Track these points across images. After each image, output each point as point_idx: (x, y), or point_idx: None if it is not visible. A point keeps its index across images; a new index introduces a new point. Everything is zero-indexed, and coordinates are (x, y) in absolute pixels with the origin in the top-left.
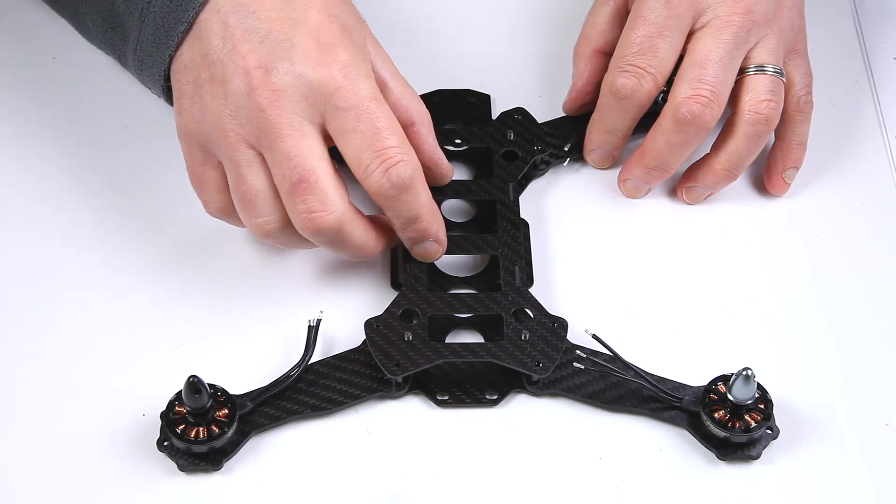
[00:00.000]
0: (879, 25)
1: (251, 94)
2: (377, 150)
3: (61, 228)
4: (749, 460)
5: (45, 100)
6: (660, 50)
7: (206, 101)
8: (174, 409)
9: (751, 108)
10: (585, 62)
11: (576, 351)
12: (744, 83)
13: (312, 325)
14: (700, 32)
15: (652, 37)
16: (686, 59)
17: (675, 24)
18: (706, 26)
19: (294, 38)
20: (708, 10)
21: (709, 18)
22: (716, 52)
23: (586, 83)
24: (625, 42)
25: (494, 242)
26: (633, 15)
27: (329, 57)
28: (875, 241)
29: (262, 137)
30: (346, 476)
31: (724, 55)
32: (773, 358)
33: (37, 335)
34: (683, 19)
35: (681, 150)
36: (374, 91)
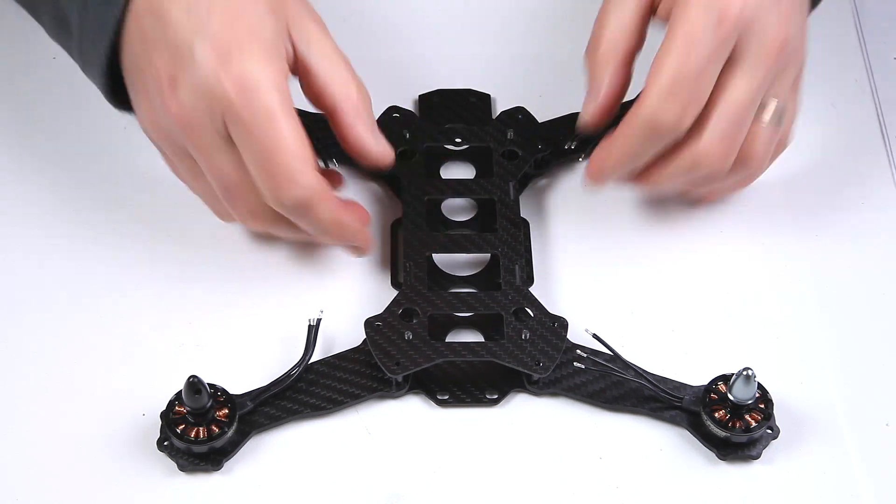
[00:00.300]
0: (879, 25)
1: (166, 107)
2: (267, 171)
3: (61, 228)
4: (749, 460)
5: (45, 100)
6: (706, 79)
7: (142, 104)
8: (174, 409)
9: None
10: (614, 69)
11: (576, 350)
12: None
13: (312, 325)
14: (736, 68)
15: (700, 67)
16: (719, 96)
17: (722, 51)
18: (742, 61)
19: (195, 50)
20: (750, 40)
21: (746, 53)
22: (749, 95)
23: (613, 96)
24: (671, 65)
25: (494, 241)
26: (678, 31)
27: (226, 71)
28: (875, 241)
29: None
30: (346, 476)
31: (754, 98)
32: (773, 358)
33: (37, 335)
34: (729, 43)
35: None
36: (269, 107)
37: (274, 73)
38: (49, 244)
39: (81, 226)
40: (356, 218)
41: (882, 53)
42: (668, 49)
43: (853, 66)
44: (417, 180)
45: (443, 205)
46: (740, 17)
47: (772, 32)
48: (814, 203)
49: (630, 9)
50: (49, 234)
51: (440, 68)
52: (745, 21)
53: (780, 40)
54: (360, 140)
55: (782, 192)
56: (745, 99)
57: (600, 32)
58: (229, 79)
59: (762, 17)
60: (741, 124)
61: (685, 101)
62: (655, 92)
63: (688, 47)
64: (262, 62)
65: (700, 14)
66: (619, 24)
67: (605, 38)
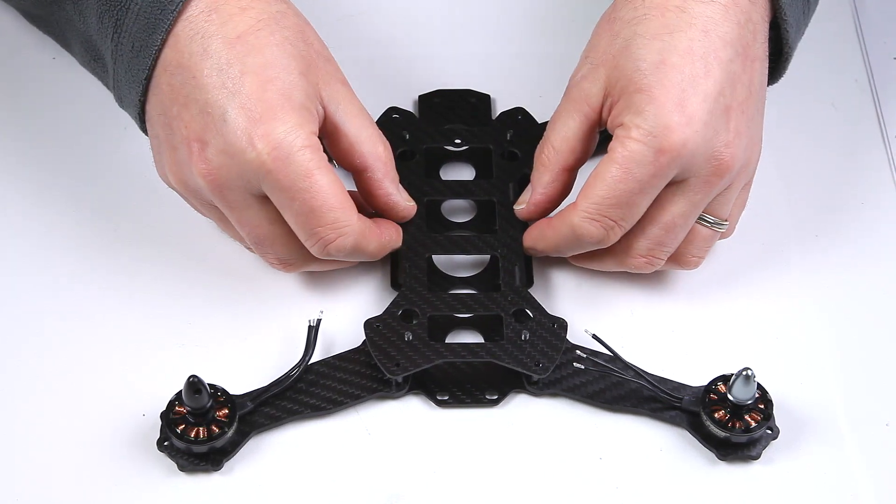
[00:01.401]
0: (879, 25)
1: (193, 166)
2: (312, 231)
3: (61, 228)
4: (749, 460)
5: (45, 100)
6: (637, 206)
7: (167, 156)
8: (174, 409)
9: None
10: (551, 176)
11: (576, 351)
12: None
13: (312, 325)
14: (677, 189)
15: (633, 193)
16: (655, 214)
17: (658, 183)
18: (684, 183)
19: (227, 113)
20: (692, 168)
21: (689, 176)
22: (686, 217)
23: (548, 199)
24: (602, 188)
25: (494, 243)
26: (617, 159)
27: (259, 135)
28: (875, 241)
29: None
30: (346, 476)
31: (691, 217)
32: (773, 358)
33: (37, 335)
34: (666, 177)
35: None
36: (306, 167)
37: (307, 134)
38: (49, 244)
39: (81, 226)
40: (394, 233)
41: (882, 53)
42: (604, 172)
43: (853, 66)
44: (417, 181)
45: (442, 206)
46: (681, 151)
47: (715, 159)
48: (814, 203)
49: (575, 124)
50: (49, 235)
51: (440, 68)
52: (687, 153)
53: (725, 166)
54: (389, 198)
55: (782, 192)
56: (679, 218)
57: (547, 136)
58: (263, 142)
59: (707, 145)
60: (672, 240)
61: (611, 224)
62: (584, 208)
63: (623, 174)
64: (295, 125)
65: (640, 142)
66: (564, 136)
67: (548, 145)
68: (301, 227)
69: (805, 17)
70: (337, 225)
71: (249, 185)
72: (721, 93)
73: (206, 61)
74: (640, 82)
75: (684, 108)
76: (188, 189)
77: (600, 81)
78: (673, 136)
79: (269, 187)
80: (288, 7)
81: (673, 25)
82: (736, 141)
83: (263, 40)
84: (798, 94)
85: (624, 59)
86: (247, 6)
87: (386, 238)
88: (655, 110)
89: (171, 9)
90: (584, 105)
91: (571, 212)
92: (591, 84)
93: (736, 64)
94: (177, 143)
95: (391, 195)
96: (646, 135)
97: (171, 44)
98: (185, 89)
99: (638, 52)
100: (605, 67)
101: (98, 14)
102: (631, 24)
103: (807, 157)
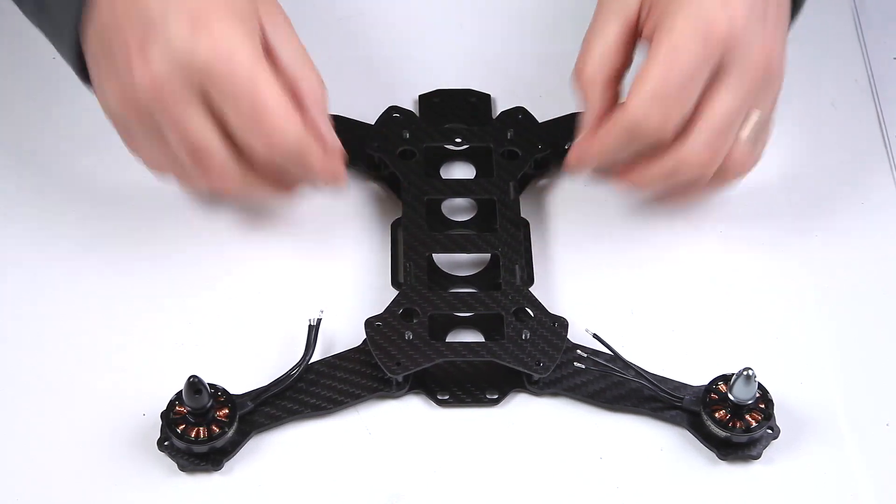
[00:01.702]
0: (879, 25)
1: (135, 76)
2: (257, 129)
3: (61, 228)
4: (749, 460)
5: (45, 100)
6: (689, 90)
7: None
8: (174, 409)
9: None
10: (602, 87)
11: (576, 350)
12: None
13: (312, 325)
14: (722, 81)
15: (684, 74)
16: (705, 107)
17: (707, 65)
18: (729, 74)
19: (169, 16)
20: (737, 51)
21: (734, 63)
22: (735, 110)
23: (606, 112)
24: (658, 73)
25: (495, 241)
26: (665, 44)
27: (203, 35)
28: (875, 241)
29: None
30: (346, 476)
31: (739, 112)
32: (773, 358)
33: (37, 335)
34: (714, 59)
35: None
36: (251, 68)
37: (250, 38)
38: (49, 244)
39: (81, 226)
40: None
41: (882, 53)
42: (654, 58)
43: (853, 66)
44: (417, 180)
45: (443, 205)
46: (728, 35)
47: (757, 50)
48: (814, 203)
49: (614, 29)
50: (49, 234)
51: (440, 68)
52: (732, 39)
53: (765, 58)
54: (318, 130)
55: (782, 192)
56: (729, 111)
57: (586, 53)
58: (206, 45)
59: (748, 35)
60: (725, 135)
61: (668, 109)
62: (639, 97)
63: (672, 58)
64: (238, 28)
65: (686, 28)
66: (605, 44)
67: (591, 59)
68: (245, 126)
69: None
70: (281, 126)
71: (192, 88)
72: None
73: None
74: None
75: (727, 3)
76: (129, 106)
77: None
78: (717, 25)
79: (213, 89)
80: None
81: None
82: (773, 38)
83: None
84: (798, 94)
85: None
86: None
87: (334, 162)
88: (700, 3)
89: None
90: (621, 12)
91: (626, 105)
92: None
93: None
94: (117, 56)
95: (320, 127)
96: (691, 24)
97: None
98: (126, 4)
99: None
100: None
101: None
102: None
103: (807, 157)
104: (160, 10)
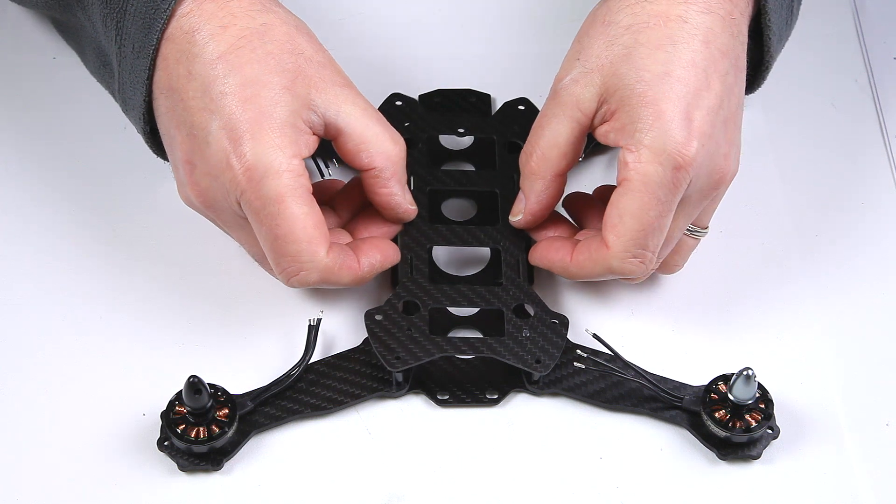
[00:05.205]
0: (879, 25)
1: (188, 188)
2: (275, 260)
3: (61, 229)
4: (749, 460)
5: (45, 100)
6: (664, 229)
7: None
8: (174, 408)
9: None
10: (544, 184)
11: (576, 350)
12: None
13: (312, 325)
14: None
15: (660, 217)
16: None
17: (675, 200)
18: (689, 197)
19: (209, 134)
20: (695, 181)
21: (695, 185)
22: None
23: (543, 208)
24: (632, 222)
25: (496, 236)
26: (637, 187)
27: (237, 155)
28: (875, 241)
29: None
30: (346, 476)
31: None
32: (773, 358)
33: (37, 335)
34: (684, 187)
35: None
36: (277, 192)
37: (285, 157)
38: (48, 244)
39: (81, 226)
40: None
41: (882, 53)
42: (628, 204)
43: (853, 66)
44: (420, 170)
45: (443, 205)
46: (694, 160)
47: (716, 172)
48: (814, 203)
49: (565, 129)
50: (48, 235)
51: (440, 68)
52: (697, 162)
53: (724, 177)
54: (391, 198)
55: (782, 192)
56: (676, 231)
57: (534, 144)
58: (240, 165)
59: (710, 159)
60: (666, 249)
61: (649, 256)
62: (621, 249)
63: (648, 200)
64: (273, 146)
65: (656, 164)
66: (553, 142)
67: (536, 152)
68: (268, 254)
69: (787, 28)
70: (299, 258)
71: (234, 205)
72: (720, 105)
73: (191, 83)
74: (644, 94)
75: (691, 122)
76: (194, 207)
77: (594, 87)
78: (685, 151)
79: (244, 208)
80: (276, 17)
81: (676, 36)
82: (732, 152)
83: (244, 58)
84: (798, 94)
85: (625, 68)
86: (228, 24)
87: (367, 267)
88: (665, 126)
89: (163, 7)
90: (575, 110)
91: (605, 253)
92: (583, 89)
93: (731, 76)
94: (176, 163)
95: (393, 195)
96: (659, 154)
97: (161, 65)
98: (176, 111)
99: (641, 62)
100: (601, 73)
101: (102, 17)
102: (630, 30)
103: (807, 157)
104: (202, 123)
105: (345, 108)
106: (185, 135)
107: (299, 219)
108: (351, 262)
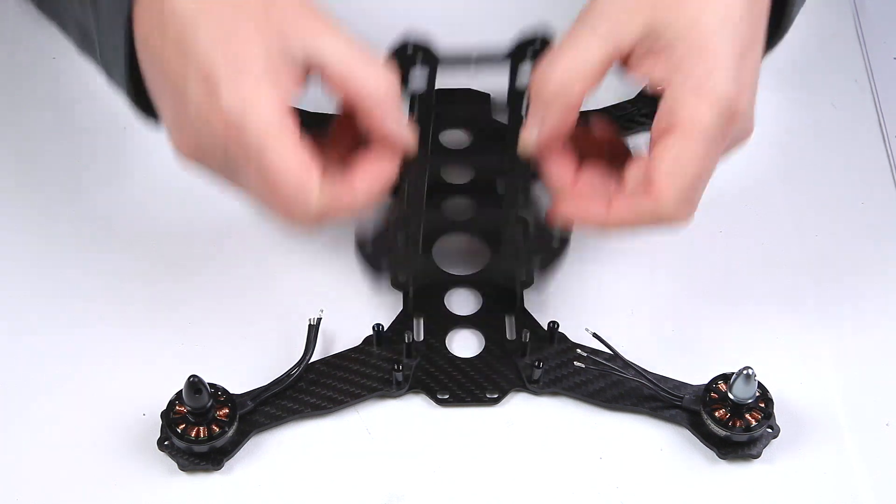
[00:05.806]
0: (879, 25)
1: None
2: (270, 204)
3: (60, 228)
4: (749, 459)
5: (45, 100)
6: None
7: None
8: (175, 408)
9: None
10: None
11: (576, 350)
12: None
13: (312, 325)
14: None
15: (716, 162)
16: None
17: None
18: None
19: (187, 87)
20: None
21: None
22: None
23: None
24: (691, 170)
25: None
26: (696, 135)
27: (213, 104)
28: (875, 241)
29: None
30: (346, 476)
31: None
32: (773, 358)
33: (37, 335)
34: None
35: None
36: (258, 140)
37: (265, 101)
38: (48, 244)
39: (81, 225)
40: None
41: (882, 53)
42: (686, 151)
43: (853, 66)
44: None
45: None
46: (745, 113)
47: (750, 124)
48: (814, 203)
49: (597, 56)
50: (48, 234)
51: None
52: (745, 116)
53: (749, 132)
54: (384, 125)
55: (782, 192)
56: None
57: (559, 62)
58: (218, 116)
59: (752, 108)
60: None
61: (697, 201)
62: (674, 196)
63: (706, 149)
64: (250, 91)
65: (714, 113)
66: (582, 67)
67: (558, 76)
68: (261, 201)
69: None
70: (293, 203)
71: (222, 158)
72: (760, 57)
73: (166, 36)
74: (702, 40)
75: (742, 73)
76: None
77: (640, 18)
78: (739, 102)
79: (233, 157)
80: None
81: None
82: (754, 105)
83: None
84: (798, 94)
85: (680, 6)
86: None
87: (365, 190)
88: (724, 76)
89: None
90: (612, 39)
91: (658, 202)
92: (628, 18)
93: (762, 28)
94: (165, 118)
95: (389, 121)
96: (719, 103)
97: (137, 22)
98: (156, 66)
99: (700, 4)
100: (650, 7)
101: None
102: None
103: (807, 157)
104: (181, 75)
105: (325, 38)
106: (168, 91)
107: (285, 162)
108: (346, 196)
